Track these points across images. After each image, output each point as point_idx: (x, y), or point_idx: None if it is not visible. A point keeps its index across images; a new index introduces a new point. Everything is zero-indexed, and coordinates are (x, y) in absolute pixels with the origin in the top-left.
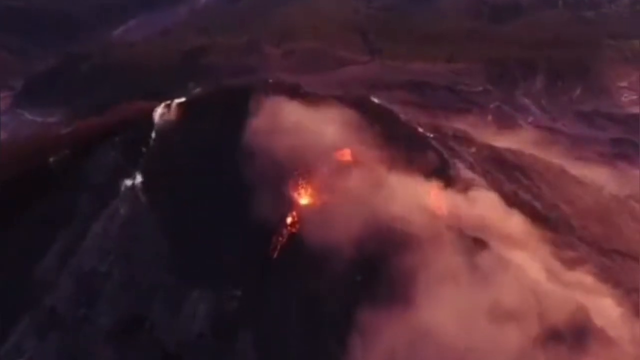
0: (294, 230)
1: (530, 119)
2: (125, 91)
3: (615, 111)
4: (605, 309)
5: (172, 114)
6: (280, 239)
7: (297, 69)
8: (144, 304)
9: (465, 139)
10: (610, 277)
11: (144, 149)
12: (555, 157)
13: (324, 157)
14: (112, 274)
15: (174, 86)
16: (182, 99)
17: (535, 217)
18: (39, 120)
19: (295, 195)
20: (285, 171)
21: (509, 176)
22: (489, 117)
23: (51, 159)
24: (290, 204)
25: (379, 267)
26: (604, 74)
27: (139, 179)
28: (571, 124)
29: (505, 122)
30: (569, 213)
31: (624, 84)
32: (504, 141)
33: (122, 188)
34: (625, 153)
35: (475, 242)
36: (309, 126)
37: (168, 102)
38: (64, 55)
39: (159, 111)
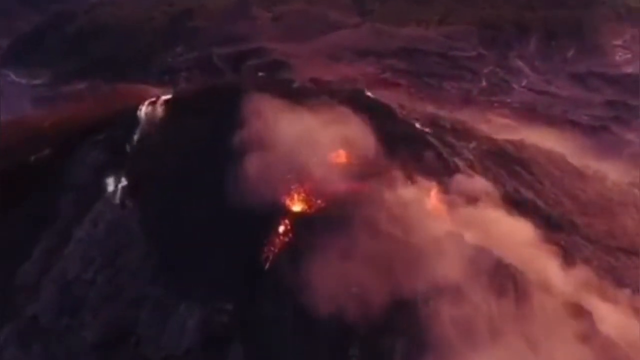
0: (286, 239)
1: (524, 82)
2: (111, 53)
3: (609, 71)
4: (611, 313)
5: (158, 112)
6: (272, 248)
7: (286, 36)
8: (129, 316)
9: (464, 132)
10: (615, 278)
11: (128, 149)
12: (552, 128)
13: (318, 160)
14: (96, 282)
15: (162, 50)
16: (169, 96)
17: (538, 216)
18: (24, 82)
19: (288, 201)
20: (277, 175)
21: (510, 172)
22: (483, 83)
23: (32, 158)
24: (282, 211)
25: (377, 278)
26: (598, 32)
27: (123, 181)
28: (565, 86)
29: (500, 88)
30: (572, 209)
31: (618, 42)
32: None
33: (106, 191)
34: (621, 116)
35: (475, 248)
36: (301, 127)
37: (153, 99)
38: (49, 15)
39: (143, 109)
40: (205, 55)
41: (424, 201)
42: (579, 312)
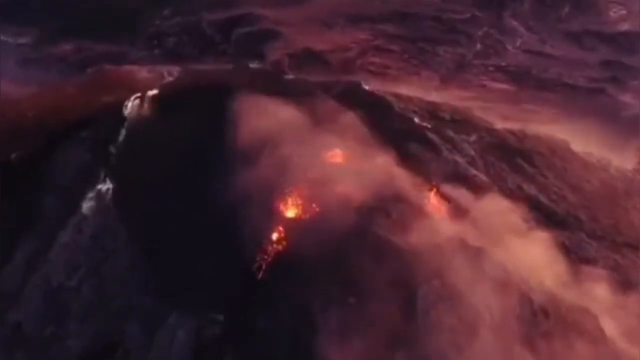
0: (280, 247)
1: (519, 42)
2: (98, 13)
3: (604, 29)
4: (618, 316)
5: (145, 110)
6: (265, 257)
7: (276, 1)
8: (116, 327)
9: (464, 123)
10: (622, 278)
11: (113, 149)
12: (548, 92)
13: (313, 162)
14: (81, 290)
15: (150, 11)
16: (156, 91)
17: (542, 214)
18: (10, 40)
19: (282, 206)
20: (270, 179)
21: (512, 165)
22: (478, 46)
23: (13, 155)
24: (275, 218)
25: (375, 288)
26: None
27: (108, 183)
28: (560, 46)
29: (495, 50)
30: (576, 203)
31: None
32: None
33: (90, 193)
34: (617, 77)
35: (477, 253)
36: (296, 127)
37: (139, 94)
38: None
39: (129, 105)
40: (194, 20)
41: (423, 204)
42: (585, 316)
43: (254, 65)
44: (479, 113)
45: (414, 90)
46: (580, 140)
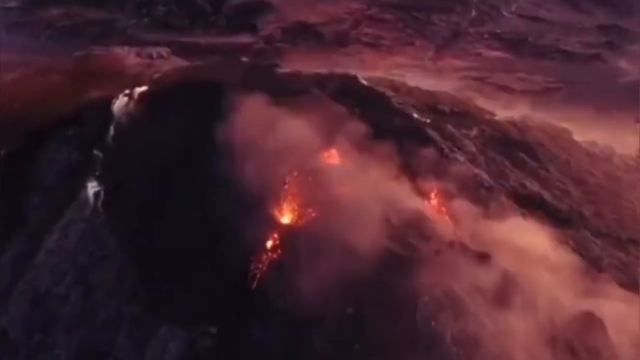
0: (275, 255)
1: (514, 6)
2: None
3: None
4: (623, 319)
5: (134, 107)
6: (260, 266)
7: None
8: (105, 337)
9: (465, 116)
10: (627, 279)
11: (101, 149)
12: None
13: (309, 164)
14: (69, 298)
15: None
16: (146, 87)
17: (545, 212)
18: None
19: (276, 213)
20: (264, 184)
21: (515, 160)
22: (473, 14)
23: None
24: (270, 224)
25: (373, 297)
26: None
27: (96, 185)
28: (556, 9)
29: (490, 16)
30: (580, 199)
31: None
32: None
33: (77, 196)
34: (613, 42)
35: (480, 258)
36: (290, 127)
37: (128, 91)
38: None
39: (118, 102)
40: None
41: (424, 209)
42: (590, 321)
43: (245, 40)
44: (480, 102)
45: (409, 60)
46: (580, 118)
